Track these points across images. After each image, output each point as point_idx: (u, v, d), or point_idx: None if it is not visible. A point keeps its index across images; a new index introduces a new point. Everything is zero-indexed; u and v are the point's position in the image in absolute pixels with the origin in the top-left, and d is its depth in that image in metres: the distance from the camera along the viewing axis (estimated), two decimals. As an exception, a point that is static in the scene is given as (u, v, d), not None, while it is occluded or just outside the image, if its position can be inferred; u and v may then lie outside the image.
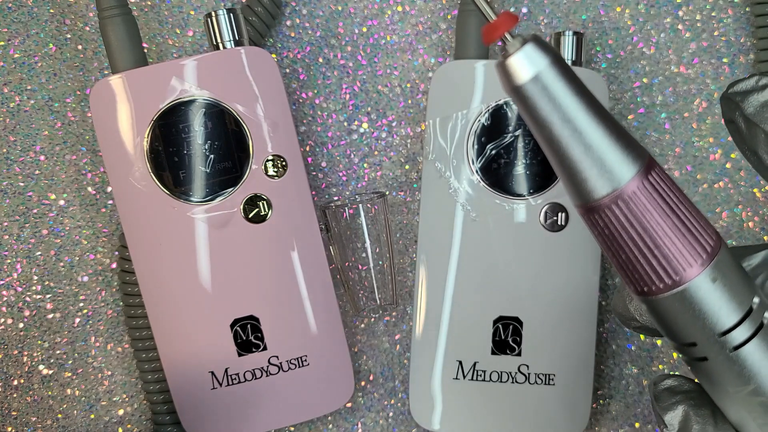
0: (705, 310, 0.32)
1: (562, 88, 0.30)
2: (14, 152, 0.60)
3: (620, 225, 0.31)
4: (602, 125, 0.30)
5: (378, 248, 0.59)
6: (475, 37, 0.58)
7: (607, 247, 0.32)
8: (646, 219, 0.31)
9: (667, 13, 0.62)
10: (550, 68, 0.30)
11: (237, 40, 0.56)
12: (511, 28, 0.30)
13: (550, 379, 0.58)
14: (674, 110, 0.62)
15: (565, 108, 0.30)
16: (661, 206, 0.31)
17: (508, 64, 0.30)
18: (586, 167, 0.31)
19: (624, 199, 0.31)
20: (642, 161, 0.31)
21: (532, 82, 0.30)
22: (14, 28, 0.61)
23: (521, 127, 0.57)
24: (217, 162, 0.55)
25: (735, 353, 0.32)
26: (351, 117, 0.62)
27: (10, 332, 0.60)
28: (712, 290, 0.32)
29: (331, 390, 0.58)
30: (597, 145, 0.30)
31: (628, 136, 0.31)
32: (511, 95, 0.31)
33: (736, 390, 0.33)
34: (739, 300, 0.32)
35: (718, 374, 0.33)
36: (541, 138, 0.31)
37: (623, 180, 0.31)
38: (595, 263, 0.58)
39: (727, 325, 0.32)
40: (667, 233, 0.31)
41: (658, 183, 0.31)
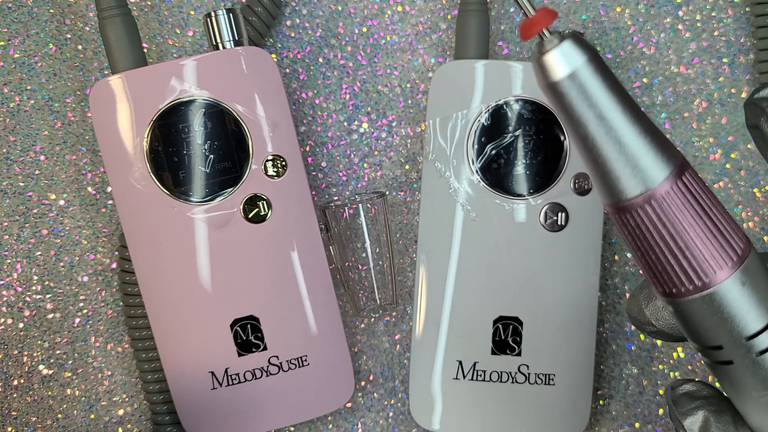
0: (733, 313, 0.32)
1: (599, 86, 0.30)
2: (14, 152, 0.60)
3: (651, 225, 0.31)
4: (637, 125, 0.30)
5: (378, 248, 0.59)
6: (475, 37, 0.58)
7: (637, 247, 0.32)
8: (677, 220, 0.31)
9: (667, 13, 0.62)
10: (587, 66, 0.30)
11: (236, 40, 0.56)
12: (550, 24, 0.30)
13: (550, 379, 0.58)
14: (674, 110, 0.62)
15: (600, 106, 0.30)
16: (694, 208, 0.31)
17: (544, 60, 0.30)
18: (619, 166, 0.31)
19: (656, 199, 0.31)
20: (675, 162, 0.31)
21: (569, 79, 0.30)
22: (14, 28, 0.61)
23: (521, 127, 0.57)
24: (217, 162, 0.55)
25: (761, 357, 0.33)
26: (351, 117, 0.62)
27: (10, 332, 0.60)
28: (740, 294, 0.32)
29: (331, 390, 0.58)
30: (631, 144, 0.30)
31: (662, 137, 0.31)
32: (546, 91, 0.31)
33: (760, 394, 0.33)
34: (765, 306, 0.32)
35: (743, 378, 0.33)
36: (574, 135, 0.31)
37: (656, 181, 0.31)
38: (595, 263, 0.58)
39: (754, 330, 0.32)
40: (698, 235, 0.31)
41: (691, 185, 0.31)
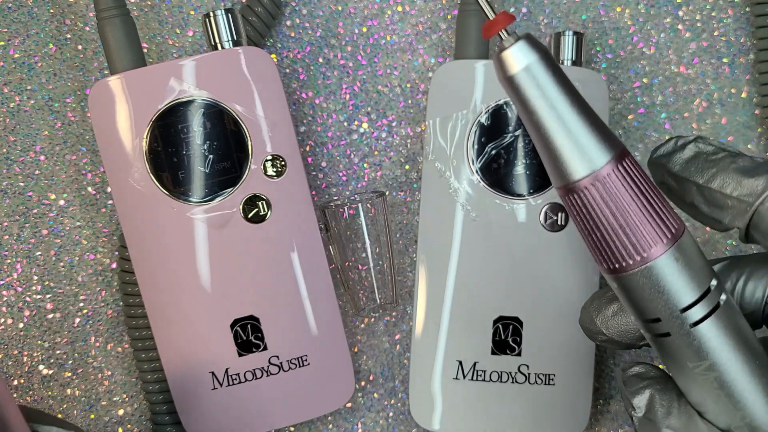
0: (668, 287, 0.36)
1: (549, 80, 0.34)
2: (14, 152, 0.60)
3: (596, 204, 0.35)
4: (583, 115, 0.35)
5: (378, 248, 0.59)
6: (475, 37, 0.58)
7: (584, 226, 0.36)
8: (618, 200, 0.35)
9: (667, 13, 0.62)
10: (539, 62, 0.34)
11: (235, 41, 0.56)
12: (508, 25, 0.34)
13: (550, 379, 0.58)
14: (674, 110, 0.62)
15: (550, 97, 0.34)
16: (633, 190, 0.35)
17: (503, 57, 0.34)
18: (567, 151, 0.35)
19: (600, 180, 0.35)
20: (617, 149, 0.35)
21: (523, 73, 0.34)
22: (14, 28, 0.61)
23: (521, 127, 0.57)
24: (216, 162, 0.55)
25: (693, 329, 0.36)
26: (351, 117, 0.62)
27: (10, 332, 0.60)
28: (675, 268, 0.36)
29: (331, 390, 0.58)
30: (578, 132, 0.35)
31: (605, 128, 0.35)
32: (504, 84, 0.35)
33: (694, 365, 0.37)
34: (699, 280, 0.36)
35: (679, 350, 0.37)
36: (529, 124, 0.35)
37: (599, 164, 0.35)
38: (594, 263, 0.58)
39: (687, 302, 0.36)
40: (636, 214, 0.35)
41: (631, 169, 0.35)
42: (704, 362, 0.37)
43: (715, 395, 0.38)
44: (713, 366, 0.37)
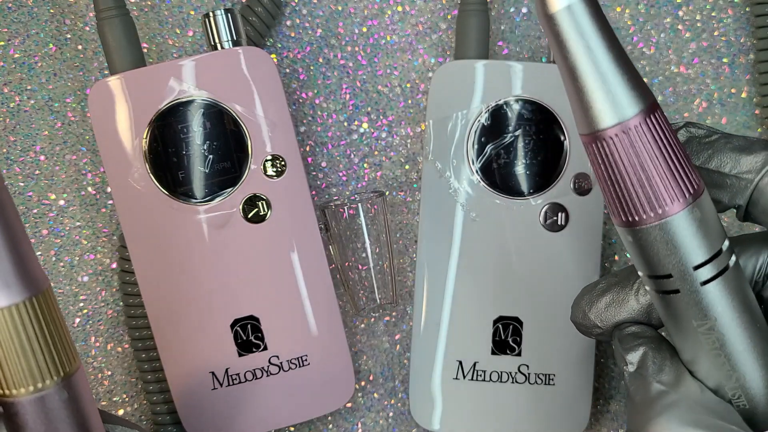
0: (683, 243, 0.36)
1: (589, 23, 0.33)
2: (14, 152, 0.60)
3: (621, 155, 0.35)
4: (619, 63, 0.34)
5: (378, 248, 0.59)
6: (475, 37, 0.58)
7: (607, 176, 0.36)
8: (644, 153, 0.35)
9: (667, 13, 0.62)
10: (582, 3, 0.33)
11: (235, 40, 0.56)
12: None
13: (550, 379, 0.58)
14: (674, 110, 0.62)
15: (589, 40, 0.33)
16: (659, 144, 0.35)
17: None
18: (599, 97, 0.34)
19: (627, 131, 0.34)
20: (647, 102, 0.34)
21: (565, 11, 0.33)
22: (14, 28, 0.61)
23: (521, 127, 0.57)
24: (216, 162, 0.55)
25: (703, 288, 0.37)
26: (351, 117, 0.62)
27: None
28: (691, 226, 0.36)
29: (331, 390, 0.58)
30: (611, 79, 0.34)
31: (639, 78, 0.34)
32: (543, 21, 0.34)
33: (699, 323, 0.38)
34: (712, 241, 0.36)
35: (686, 308, 0.38)
36: (564, 65, 0.34)
37: (629, 115, 0.34)
38: (595, 263, 0.58)
39: (699, 260, 0.36)
40: (660, 169, 0.35)
41: (660, 123, 0.35)
42: (709, 321, 0.38)
43: (713, 356, 0.39)
44: (716, 326, 0.38)
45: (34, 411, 0.36)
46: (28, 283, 0.35)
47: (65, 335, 0.36)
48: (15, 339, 0.35)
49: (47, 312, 0.35)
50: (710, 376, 0.40)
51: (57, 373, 0.36)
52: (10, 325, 0.34)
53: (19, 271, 0.34)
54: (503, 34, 0.62)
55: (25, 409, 0.36)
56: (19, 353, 0.35)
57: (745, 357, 0.39)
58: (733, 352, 0.38)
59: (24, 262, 0.34)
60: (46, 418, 0.36)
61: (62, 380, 0.36)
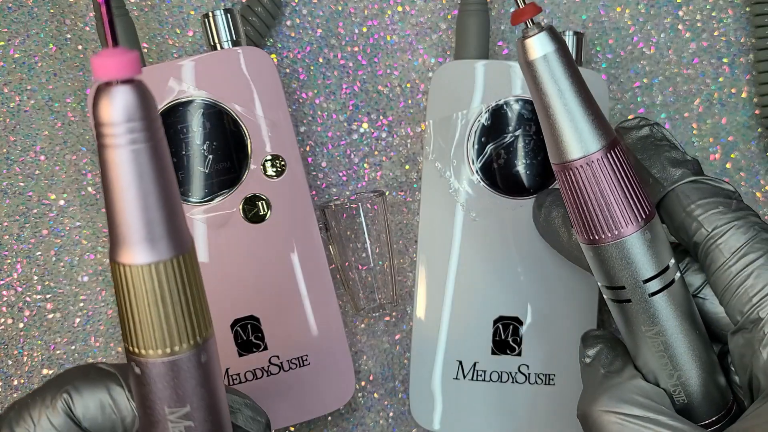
0: (635, 260, 0.43)
1: (562, 70, 0.40)
2: (14, 152, 0.60)
3: (585, 183, 0.42)
4: (586, 105, 0.41)
5: (378, 248, 0.59)
6: (475, 37, 0.58)
7: (573, 200, 0.43)
8: (604, 182, 0.41)
9: (667, 13, 0.62)
10: (556, 53, 0.40)
11: (234, 41, 0.56)
12: (534, 15, 0.39)
13: (550, 379, 0.58)
14: (674, 110, 0.62)
15: (561, 85, 0.40)
16: (617, 175, 0.42)
17: (526, 43, 0.40)
18: (567, 133, 0.41)
19: (591, 163, 0.41)
20: (609, 139, 0.41)
21: (541, 60, 0.40)
22: (14, 28, 0.61)
23: (521, 127, 0.57)
24: (216, 162, 0.55)
25: (651, 299, 0.44)
26: (351, 117, 0.62)
27: (10, 332, 0.60)
28: (642, 246, 0.43)
29: (331, 390, 0.58)
30: (579, 119, 0.41)
31: (603, 119, 0.42)
32: (524, 67, 0.41)
33: (647, 329, 0.44)
34: (660, 258, 0.43)
35: (636, 315, 0.44)
36: (539, 105, 0.41)
37: (592, 149, 0.41)
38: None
39: (648, 275, 0.43)
40: (617, 196, 0.42)
41: (619, 158, 0.42)
42: (655, 327, 0.44)
43: (658, 356, 0.45)
44: (662, 331, 0.44)
45: (165, 374, 0.35)
46: (175, 242, 0.34)
47: (204, 300, 0.36)
48: (156, 299, 0.34)
49: (190, 273, 0.35)
50: (655, 373, 0.46)
51: (193, 337, 0.35)
52: (154, 284, 0.34)
53: (168, 228, 0.34)
54: (503, 34, 0.62)
55: (161, 370, 0.35)
56: (159, 314, 0.34)
57: (685, 359, 0.45)
58: (675, 354, 0.45)
59: (174, 220, 0.34)
60: (182, 381, 0.35)
61: (197, 345, 0.35)
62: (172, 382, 0.35)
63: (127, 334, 0.35)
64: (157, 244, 0.33)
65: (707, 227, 0.45)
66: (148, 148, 0.32)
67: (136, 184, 0.32)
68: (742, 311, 0.44)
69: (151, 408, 0.36)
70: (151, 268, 0.33)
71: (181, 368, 0.35)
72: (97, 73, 0.31)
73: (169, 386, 0.35)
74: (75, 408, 0.39)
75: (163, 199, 0.33)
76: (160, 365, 0.35)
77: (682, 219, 0.46)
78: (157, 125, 0.33)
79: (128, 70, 0.31)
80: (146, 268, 0.33)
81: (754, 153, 0.62)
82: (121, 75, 0.31)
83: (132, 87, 0.32)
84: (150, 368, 0.35)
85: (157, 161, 0.33)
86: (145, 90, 0.32)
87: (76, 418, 0.39)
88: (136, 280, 0.33)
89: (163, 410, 0.36)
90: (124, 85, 0.32)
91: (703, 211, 0.45)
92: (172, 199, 0.33)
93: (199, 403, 0.36)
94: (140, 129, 0.32)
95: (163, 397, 0.35)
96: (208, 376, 0.36)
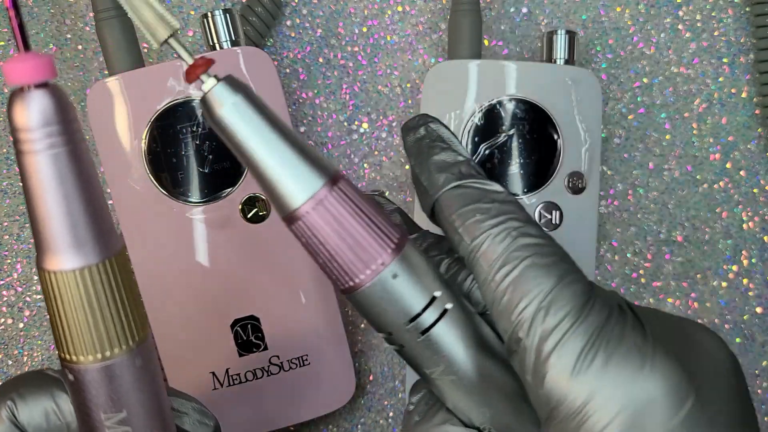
0: (391, 303, 0.37)
1: (253, 117, 0.35)
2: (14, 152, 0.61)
3: (317, 228, 0.36)
4: (292, 146, 0.35)
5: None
6: (468, 36, 0.58)
7: (310, 252, 0.37)
8: (336, 222, 0.36)
9: (667, 13, 0.62)
10: (242, 101, 0.35)
11: (233, 41, 0.56)
12: (207, 70, 0.35)
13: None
14: (674, 110, 0.62)
15: (257, 133, 0.35)
16: (350, 211, 0.36)
17: (206, 98, 0.35)
18: (282, 182, 0.35)
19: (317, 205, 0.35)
20: (330, 174, 0.36)
21: (227, 112, 0.35)
22: (14, 28, 0.61)
23: (515, 127, 0.57)
24: (216, 162, 0.55)
25: (423, 338, 0.37)
26: (351, 117, 0.62)
27: (10, 332, 0.61)
28: (394, 286, 0.37)
29: (331, 390, 0.58)
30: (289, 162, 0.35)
31: (317, 155, 0.36)
32: (212, 125, 0.35)
33: (431, 371, 0.38)
34: (422, 291, 0.37)
35: (415, 359, 0.38)
36: (243, 161, 0.36)
37: (316, 188, 0.35)
38: (590, 262, 0.58)
39: (412, 314, 0.37)
40: (349, 240, 0.36)
41: (346, 191, 0.36)
42: (440, 366, 0.38)
43: (459, 395, 0.39)
44: (449, 369, 0.38)
45: (99, 380, 0.35)
46: (102, 246, 0.33)
47: (137, 302, 0.35)
48: (85, 304, 0.33)
49: (121, 276, 0.34)
50: (465, 412, 0.40)
51: (126, 341, 0.34)
52: (82, 289, 0.33)
53: (93, 232, 0.33)
54: (503, 34, 0.62)
55: (96, 376, 0.35)
56: (89, 319, 0.33)
57: (486, 390, 0.39)
58: (473, 388, 0.39)
59: (100, 223, 0.33)
60: (117, 386, 0.35)
61: (131, 349, 0.35)
62: (107, 388, 0.35)
63: (59, 340, 0.34)
64: (83, 248, 0.33)
65: (467, 239, 0.38)
66: (67, 152, 0.32)
67: (57, 189, 0.32)
68: (506, 331, 0.37)
69: (88, 414, 0.36)
70: (77, 274, 0.33)
71: (115, 373, 0.35)
72: (8, 79, 0.31)
73: (103, 392, 0.35)
74: (19, 415, 0.38)
75: (87, 202, 0.33)
76: (94, 371, 0.34)
77: (446, 230, 0.40)
78: (75, 128, 0.32)
79: (41, 74, 0.31)
80: (73, 274, 0.33)
81: (754, 153, 0.62)
82: (34, 79, 0.31)
83: (47, 91, 0.31)
84: (84, 374, 0.35)
85: (78, 164, 0.32)
86: (61, 93, 0.32)
87: (21, 425, 0.38)
88: (64, 287, 0.33)
89: (100, 416, 0.35)
90: (38, 90, 0.31)
91: (462, 221, 0.39)
92: (96, 202, 0.33)
93: (137, 408, 0.36)
94: (58, 133, 0.32)
95: (99, 403, 0.35)
96: (144, 380, 0.36)
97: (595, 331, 0.36)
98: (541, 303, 0.36)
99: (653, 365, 0.35)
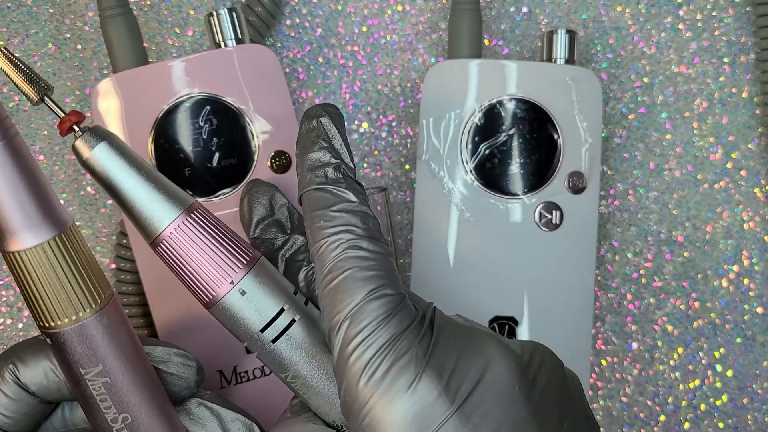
0: (242, 316, 0.42)
1: (116, 159, 0.41)
2: None
3: (175, 250, 0.42)
4: (152, 181, 0.41)
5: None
6: (468, 36, 0.58)
7: (175, 270, 0.42)
8: (191, 245, 0.42)
9: (667, 12, 0.62)
10: (106, 146, 0.40)
11: (239, 39, 0.56)
12: (78, 121, 0.40)
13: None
14: (675, 110, 0.62)
15: (121, 172, 0.41)
16: (203, 235, 0.42)
17: (76, 146, 0.40)
18: (145, 212, 0.41)
19: (174, 230, 0.41)
20: (186, 205, 0.42)
21: (93, 157, 0.40)
22: (14, 27, 0.61)
23: (515, 126, 0.57)
24: (222, 159, 0.55)
25: (272, 346, 0.43)
26: (351, 117, 0.62)
27: (10, 332, 0.61)
28: (243, 303, 0.42)
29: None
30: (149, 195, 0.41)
31: (174, 188, 0.42)
32: (84, 167, 0.41)
33: (284, 375, 0.44)
34: (270, 305, 0.43)
35: (270, 365, 0.44)
36: (112, 197, 0.41)
37: (173, 216, 0.41)
38: (590, 261, 0.58)
39: (261, 325, 0.42)
40: (202, 261, 0.42)
41: (199, 219, 0.42)
42: (290, 371, 0.43)
43: (311, 398, 0.44)
44: (297, 374, 0.43)
45: (78, 338, 0.40)
46: (53, 223, 0.38)
47: (95, 267, 0.40)
48: (50, 274, 0.38)
49: (75, 247, 0.39)
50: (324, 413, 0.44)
51: (94, 302, 0.40)
52: (44, 262, 0.38)
53: (42, 212, 0.38)
54: (503, 33, 0.62)
55: (70, 337, 0.40)
56: (57, 287, 0.39)
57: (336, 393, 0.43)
58: (321, 391, 0.44)
59: (46, 203, 0.38)
60: (89, 343, 0.40)
61: (99, 308, 0.40)
62: (81, 346, 0.40)
63: (34, 312, 0.39)
64: (37, 228, 0.38)
65: (311, 241, 0.43)
66: (3, 146, 0.37)
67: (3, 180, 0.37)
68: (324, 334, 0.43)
69: (70, 371, 0.41)
70: (37, 250, 0.38)
71: (87, 332, 0.40)
72: None
73: (78, 350, 0.40)
74: (21, 375, 0.43)
75: (33, 187, 0.37)
76: (70, 332, 0.39)
77: (305, 227, 0.44)
78: (8, 124, 0.37)
79: None
80: (34, 251, 0.38)
81: (754, 153, 0.62)
82: None
83: None
84: (59, 337, 0.40)
85: (17, 156, 0.37)
86: None
87: (24, 384, 0.43)
88: (29, 263, 0.38)
89: (79, 371, 0.40)
90: None
91: (311, 223, 0.43)
92: (41, 186, 0.38)
93: (112, 361, 0.41)
94: None
95: (77, 360, 0.40)
96: (114, 335, 0.41)
97: (386, 343, 0.39)
98: (348, 312, 0.40)
99: (420, 379, 0.38)
